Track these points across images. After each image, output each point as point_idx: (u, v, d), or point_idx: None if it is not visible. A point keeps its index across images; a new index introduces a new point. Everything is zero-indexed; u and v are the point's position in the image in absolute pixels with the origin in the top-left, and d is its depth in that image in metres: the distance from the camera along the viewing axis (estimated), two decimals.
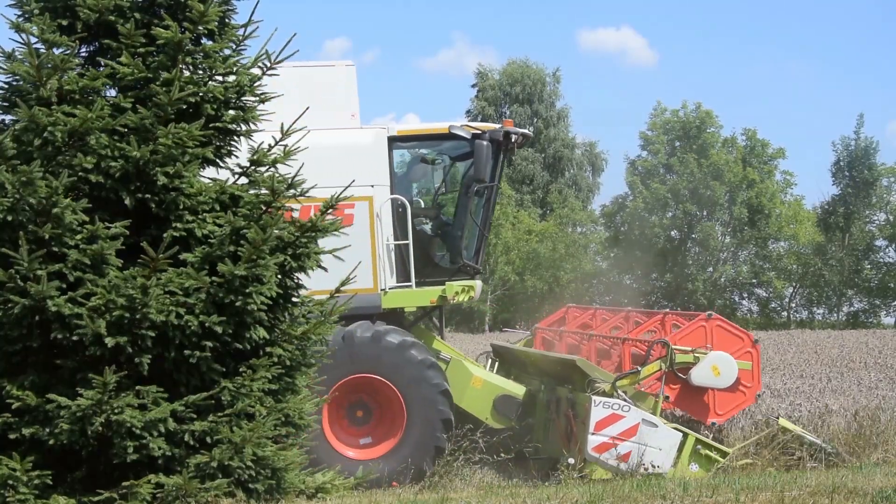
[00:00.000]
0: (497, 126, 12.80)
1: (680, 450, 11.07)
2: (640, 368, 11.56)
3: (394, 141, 12.46)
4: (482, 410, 12.56)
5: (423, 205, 13.19)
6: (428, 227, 12.95)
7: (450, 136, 12.70)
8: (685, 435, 11.18)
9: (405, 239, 12.31)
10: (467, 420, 12.36)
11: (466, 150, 12.82)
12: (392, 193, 12.29)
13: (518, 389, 12.74)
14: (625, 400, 11.07)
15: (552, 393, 12.24)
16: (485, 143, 12.38)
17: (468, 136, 12.49)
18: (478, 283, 12.91)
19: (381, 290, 12.12)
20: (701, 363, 11.60)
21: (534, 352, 13.95)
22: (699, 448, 11.23)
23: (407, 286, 12.32)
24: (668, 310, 13.82)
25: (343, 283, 9.17)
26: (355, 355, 11.65)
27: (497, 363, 14.08)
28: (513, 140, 12.77)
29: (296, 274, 8.63)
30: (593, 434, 10.83)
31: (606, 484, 9.52)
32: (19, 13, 8.37)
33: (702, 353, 11.65)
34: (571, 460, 11.78)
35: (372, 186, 12.12)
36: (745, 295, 49.19)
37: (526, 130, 13.13)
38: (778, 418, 12.13)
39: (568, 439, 11.48)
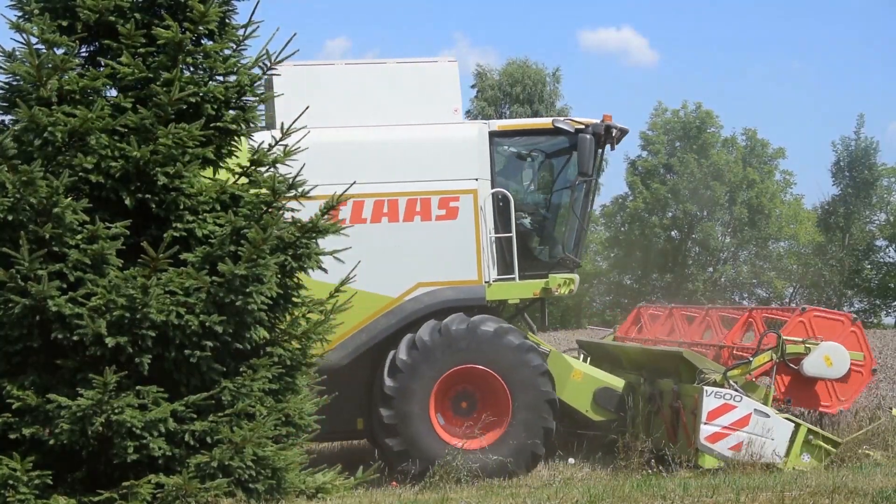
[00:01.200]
0: (597, 120, 12.95)
1: (792, 440, 11.10)
2: (751, 359, 11.60)
3: (494, 136, 12.63)
4: (582, 403, 12.68)
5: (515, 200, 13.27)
6: (527, 221, 13.06)
7: (548, 132, 12.92)
8: (797, 425, 11.20)
9: (507, 232, 12.46)
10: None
11: (563, 146, 13.02)
12: (493, 187, 12.45)
13: (618, 382, 12.83)
14: (736, 390, 11.14)
15: (654, 385, 12.29)
16: (588, 136, 12.57)
17: (572, 130, 12.69)
18: (576, 277, 13.05)
19: (486, 282, 12.27)
20: (813, 353, 11.61)
21: (630, 345, 14.00)
22: (811, 438, 11.23)
23: (510, 278, 12.45)
24: (752, 305, 13.80)
25: (343, 283, 9.14)
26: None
27: (589, 359, 14.08)
28: (613, 134, 12.93)
29: (296, 274, 8.62)
30: (705, 424, 10.92)
31: (607, 484, 9.53)
32: (19, 13, 8.37)
33: (813, 344, 11.65)
34: (572, 460, 11.79)
35: (476, 180, 12.31)
36: (745, 295, 49.21)
37: (624, 126, 13.32)
38: (892, 409, 12.14)
39: (674, 430, 11.55)
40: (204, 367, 7.92)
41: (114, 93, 8.41)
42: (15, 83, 8.20)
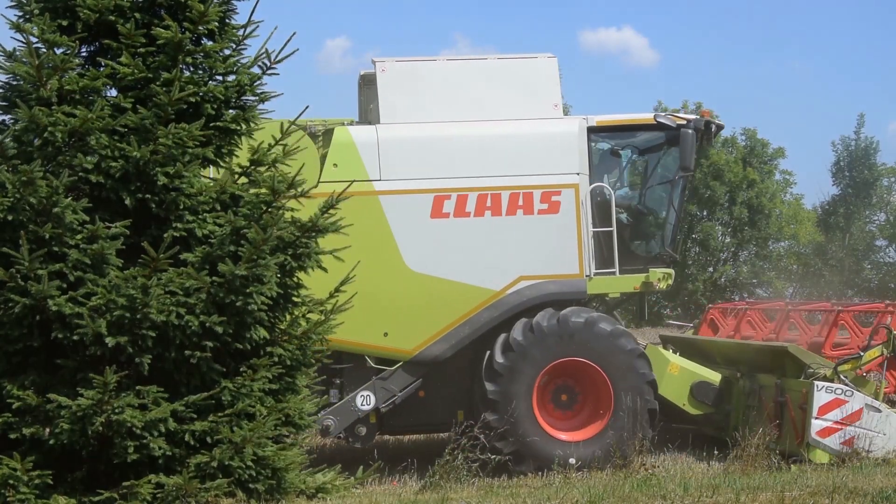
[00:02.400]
0: (697, 116, 13.12)
1: None
2: (861, 353, 11.57)
3: (592, 131, 12.79)
4: (679, 396, 12.82)
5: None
6: (623, 216, 13.18)
7: (648, 127, 13.08)
8: None
9: (607, 226, 12.61)
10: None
11: (659, 141, 13.22)
12: (591, 182, 12.60)
13: (714, 376, 12.93)
14: (847, 385, 11.12)
15: (753, 380, 12.28)
16: (690, 131, 12.75)
17: (674, 126, 12.83)
18: (672, 271, 13.21)
19: (587, 275, 12.40)
20: None
21: (723, 340, 14.02)
22: None
23: (610, 273, 12.58)
24: (833, 302, 13.88)
25: (343, 282, 9.11)
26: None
27: (677, 354, 14.18)
28: (711, 129, 13.11)
29: (296, 273, 8.61)
30: (817, 419, 10.94)
31: (607, 484, 9.52)
32: (19, 13, 8.37)
33: None
34: (572, 460, 11.76)
35: (577, 174, 12.44)
36: (746, 295, 49.17)
37: (720, 121, 13.44)
38: None
39: (779, 426, 11.53)
40: (204, 367, 7.92)
41: (114, 93, 8.40)
42: (15, 83, 8.20)
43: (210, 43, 8.59)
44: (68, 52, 8.13)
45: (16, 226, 7.63)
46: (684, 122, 12.84)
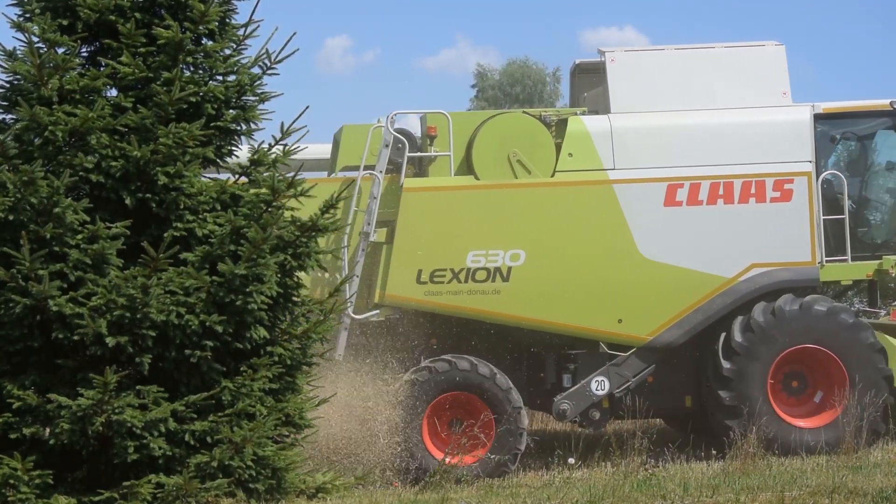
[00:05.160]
0: None
1: None
2: None
3: (818, 118, 12.78)
4: None
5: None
6: (849, 203, 13.11)
7: (873, 114, 13.08)
8: None
9: (837, 214, 12.62)
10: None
11: (883, 129, 13.15)
12: (818, 169, 12.60)
13: None
14: None
15: None
16: None
17: None
18: None
19: (819, 263, 12.42)
20: None
21: None
22: None
23: (842, 260, 12.61)
24: None
25: (343, 282, 9.11)
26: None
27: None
28: None
29: (296, 273, 8.61)
30: None
31: (607, 484, 9.52)
32: (20, 12, 8.37)
33: None
34: (572, 460, 11.74)
35: (809, 162, 12.46)
36: None
37: None
38: None
39: None
40: (204, 367, 7.92)
41: (114, 92, 8.41)
42: (16, 82, 8.21)
43: (210, 43, 8.60)
44: (69, 51, 8.13)
45: (16, 226, 7.64)
46: None
